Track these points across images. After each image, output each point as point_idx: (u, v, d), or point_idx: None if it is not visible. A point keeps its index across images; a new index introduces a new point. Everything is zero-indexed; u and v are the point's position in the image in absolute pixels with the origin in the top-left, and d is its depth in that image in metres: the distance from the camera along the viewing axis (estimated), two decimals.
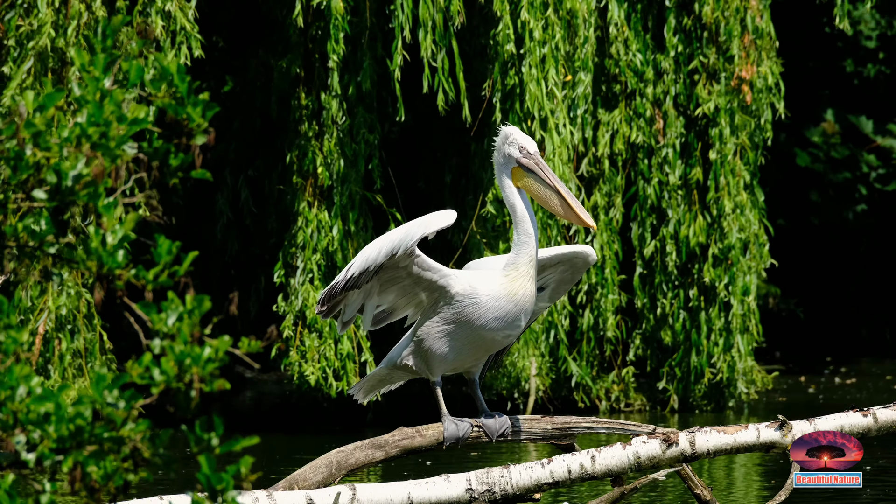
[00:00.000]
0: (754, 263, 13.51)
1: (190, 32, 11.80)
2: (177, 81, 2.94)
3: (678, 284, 13.64)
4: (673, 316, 13.65)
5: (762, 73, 13.38)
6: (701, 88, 13.44)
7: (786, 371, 17.91)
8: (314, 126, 12.67)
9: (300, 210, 12.58)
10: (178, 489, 8.31)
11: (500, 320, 6.79)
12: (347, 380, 12.46)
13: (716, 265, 13.47)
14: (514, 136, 6.91)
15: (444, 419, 6.81)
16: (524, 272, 6.78)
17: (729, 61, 13.39)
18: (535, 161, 6.91)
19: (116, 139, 2.90)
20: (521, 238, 6.82)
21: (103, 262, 2.84)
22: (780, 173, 19.62)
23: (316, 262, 12.50)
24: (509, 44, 12.49)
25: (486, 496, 6.68)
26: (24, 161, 2.94)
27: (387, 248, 6.68)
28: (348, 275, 6.75)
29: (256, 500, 6.41)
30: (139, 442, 3.03)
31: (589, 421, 6.97)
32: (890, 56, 19.69)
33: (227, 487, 3.10)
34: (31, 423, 3.00)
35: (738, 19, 13.33)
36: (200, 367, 3.01)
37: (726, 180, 13.42)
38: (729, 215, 13.38)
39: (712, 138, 13.46)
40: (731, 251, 13.39)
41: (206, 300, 3.06)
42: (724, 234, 13.40)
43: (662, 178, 13.52)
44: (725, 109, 13.37)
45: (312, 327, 12.50)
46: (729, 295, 13.42)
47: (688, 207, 13.55)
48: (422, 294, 6.87)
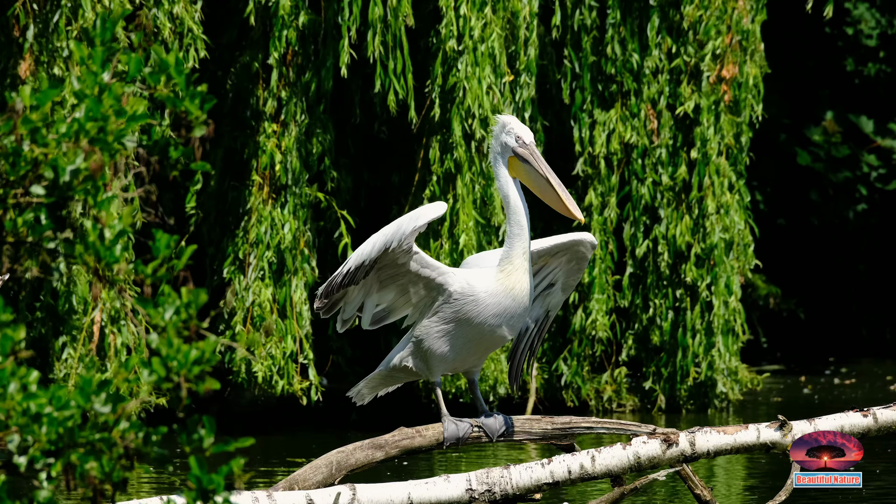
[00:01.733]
0: (738, 264, 13.50)
1: (196, 34, 11.83)
2: (173, 73, 2.92)
3: (667, 284, 13.64)
4: (661, 316, 13.65)
5: (745, 73, 13.35)
6: (684, 87, 13.42)
7: (787, 371, 17.90)
8: (272, 125, 12.66)
9: (254, 207, 12.57)
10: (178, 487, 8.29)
11: (498, 316, 6.78)
12: (289, 379, 12.46)
13: (699, 265, 13.47)
14: (512, 126, 6.90)
15: (444, 419, 6.80)
16: (519, 265, 6.77)
17: (707, 60, 13.35)
18: (530, 151, 6.91)
19: (115, 133, 2.89)
20: (514, 230, 6.81)
21: (101, 257, 2.83)
22: (780, 173, 19.60)
23: (267, 260, 12.52)
24: (451, 40, 12.45)
25: (486, 496, 6.67)
26: (23, 157, 2.93)
27: (380, 242, 6.70)
28: (344, 270, 6.75)
29: (256, 500, 6.40)
30: (132, 442, 3.02)
31: (589, 421, 6.96)
32: (890, 55, 19.68)
33: (218, 489, 3.08)
34: (19, 426, 2.99)
35: (723, 19, 13.30)
36: (187, 368, 2.99)
37: (711, 180, 13.41)
38: (713, 215, 13.38)
39: (695, 137, 13.45)
40: (714, 251, 13.38)
41: (203, 293, 3.04)
42: (707, 234, 13.40)
43: (656, 178, 13.51)
44: (708, 109, 13.34)
45: (260, 324, 12.51)
46: (711, 295, 13.41)
47: (675, 207, 13.55)
48: (420, 292, 6.85)
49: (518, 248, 6.78)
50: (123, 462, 3.03)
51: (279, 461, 11.15)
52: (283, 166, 12.57)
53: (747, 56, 13.35)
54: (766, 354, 19.36)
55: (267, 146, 12.61)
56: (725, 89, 13.33)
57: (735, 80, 13.34)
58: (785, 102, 19.48)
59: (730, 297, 13.41)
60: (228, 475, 3.12)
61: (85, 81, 2.91)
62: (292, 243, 12.55)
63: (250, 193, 12.62)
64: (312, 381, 12.49)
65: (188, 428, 3.06)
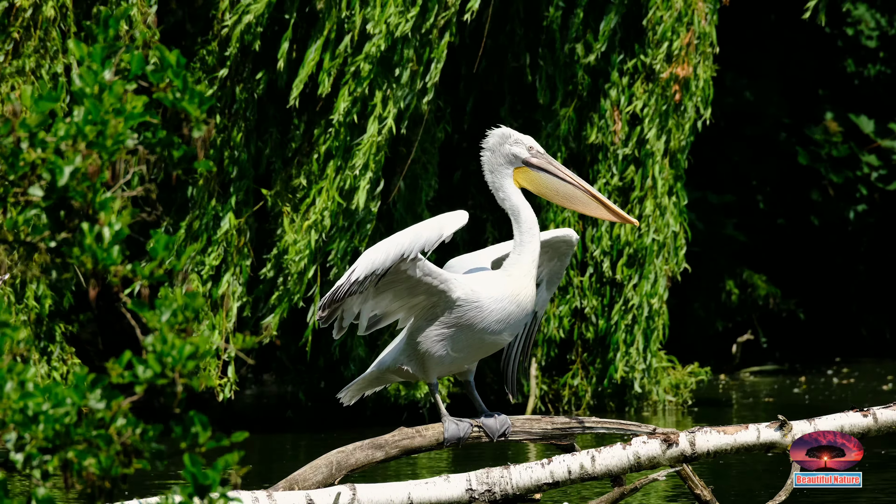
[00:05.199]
0: (667, 266, 13.49)
1: (149, 38, 11.83)
2: (170, 75, 2.92)
3: (604, 283, 13.66)
4: (597, 314, 13.67)
5: (699, 75, 13.32)
6: (637, 87, 13.41)
7: (786, 371, 17.90)
8: (223, 119, 12.64)
9: (197, 200, 12.55)
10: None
11: (502, 322, 6.77)
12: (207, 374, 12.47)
13: (630, 265, 13.49)
14: (517, 136, 6.85)
15: (444, 419, 6.79)
16: (527, 271, 6.76)
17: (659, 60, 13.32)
18: (547, 160, 6.87)
19: (113, 136, 2.89)
20: (525, 238, 6.77)
21: (98, 259, 2.82)
22: (780, 173, 19.60)
23: (208, 254, 12.52)
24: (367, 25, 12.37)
25: (486, 496, 6.67)
26: (22, 157, 2.93)
27: (394, 252, 6.55)
28: (352, 278, 6.62)
29: (256, 500, 6.40)
30: (129, 438, 3.02)
31: (589, 421, 6.96)
32: (890, 56, 19.68)
33: (213, 485, 3.08)
34: (15, 423, 2.99)
35: (683, 21, 13.26)
36: (181, 364, 2.99)
37: (652, 181, 13.40)
38: (648, 216, 13.38)
39: (637, 137, 13.45)
40: (642, 252, 13.39)
41: (199, 296, 3.04)
42: (640, 235, 13.41)
43: (609, 179, 13.51)
44: (655, 110, 13.32)
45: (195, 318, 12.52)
46: (636, 295, 13.42)
47: (621, 207, 13.54)
48: (418, 298, 6.80)
49: (528, 254, 6.76)
50: (122, 458, 3.04)
51: (280, 459, 11.17)
52: (231, 161, 12.57)
53: (702, 59, 13.33)
54: (766, 354, 19.36)
55: (216, 141, 12.60)
56: (676, 88, 13.31)
57: (685, 81, 13.31)
58: (785, 102, 19.48)
59: (652, 298, 13.42)
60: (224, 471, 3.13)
61: (85, 80, 2.91)
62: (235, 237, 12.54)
63: (197, 186, 12.59)
64: (230, 378, 12.49)
65: (184, 424, 3.06)
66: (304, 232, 12.29)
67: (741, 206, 19.33)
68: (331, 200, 12.29)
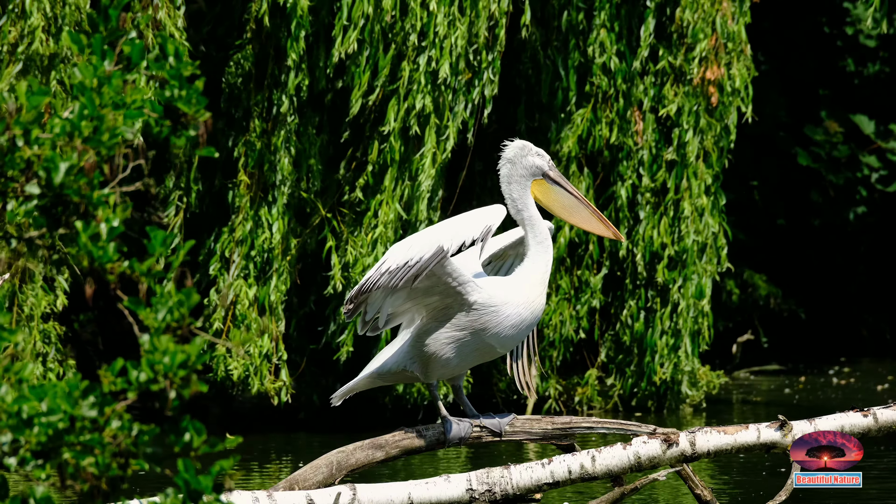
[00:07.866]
0: (710, 267, 13.48)
1: (179, 41, 11.81)
2: (166, 75, 2.90)
3: (639, 285, 13.63)
4: (633, 317, 13.64)
5: (733, 75, 13.32)
6: (668, 89, 13.39)
7: (787, 371, 17.90)
8: (263, 123, 12.63)
9: (241, 205, 12.54)
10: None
11: (516, 328, 6.78)
12: (261, 378, 12.46)
13: (671, 267, 13.47)
14: (535, 149, 6.91)
15: (444, 419, 6.78)
16: (543, 279, 6.81)
17: (690, 62, 13.32)
18: (559, 174, 6.95)
19: (110, 132, 2.87)
20: (540, 248, 6.82)
21: (94, 256, 2.81)
22: (780, 173, 19.60)
23: (252, 259, 12.52)
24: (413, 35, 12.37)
25: (486, 496, 6.66)
26: (18, 154, 2.91)
27: (434, 247, 6.51)
28: (382, 269, 6.53)
29: (256, 500, 6.40)
30: (124, 441, 3.00)
31: (589, 421, 6.96)
32: (890, 56, 19.67)
33: (206, 490, 3.06)
34: (9, 427, 2.97)
35: (708, 21, 13.26)
36: (172, 372, 2.97)
37: (688, 183, 13.39)
38: (687, 218, 13.37)
39: (674, 139, 13.43)
40: (686, 254, 13.37)
41: (194, 293, 3.02)
42: (681, 237, 13.39)
43: (636, 181, 13.49)
44: (689, 111, 13.32)
45: (241, 323, 12.51)
46: (681, 297, 13.40)
47: (653, 209, 13.52)
48: (432, 298, 6.77)
49: (542, 264, 6.80)
50: (118, 460, 3.02)
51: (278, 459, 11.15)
52: (272, 166, 12.55)
53: (734, 58, 13.32)
54: (767, 354, 19.35)
55: (258, 145, 12.59)
56: (713, 91, 13.31)
57: (721, 82, 13.30)
58: (785, 102, 19.47)
59: (700, 300, 13.41)
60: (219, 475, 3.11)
61: (84, 72, 2.88)
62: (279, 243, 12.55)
63: (240, 191, 12.59)
64: (285, 382, 12.48)
65: (178, 429, 3.04)
66: (370, 245, 12.32)
67: (741, 206, 19.33)
68: (392, 213, 12.33)
